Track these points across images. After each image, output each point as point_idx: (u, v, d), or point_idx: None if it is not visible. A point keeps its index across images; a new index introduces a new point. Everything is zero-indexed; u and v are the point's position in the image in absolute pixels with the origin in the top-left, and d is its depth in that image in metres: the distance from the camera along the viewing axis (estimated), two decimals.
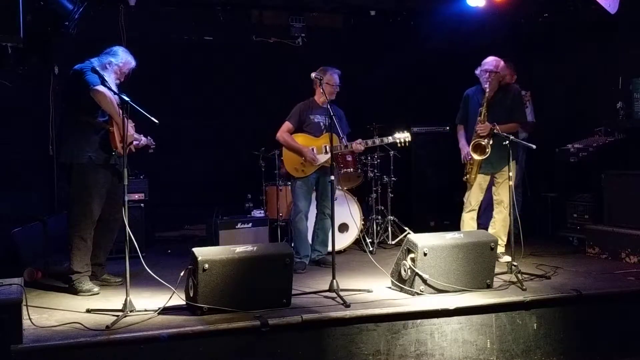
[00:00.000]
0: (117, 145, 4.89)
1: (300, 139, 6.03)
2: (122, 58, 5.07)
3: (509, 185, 5.33)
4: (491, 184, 6.00)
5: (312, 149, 5.97)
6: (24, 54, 6.05)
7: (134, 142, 5.21)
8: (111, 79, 4.95)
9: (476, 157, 5.74)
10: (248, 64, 7.92)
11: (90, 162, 4.91)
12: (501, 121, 5.73)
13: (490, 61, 5.86)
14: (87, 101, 4.82)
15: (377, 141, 6.29)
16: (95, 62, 4.94)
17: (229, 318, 4.10)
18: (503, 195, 5.85)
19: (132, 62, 5.13)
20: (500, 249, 5.79)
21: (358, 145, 6.06)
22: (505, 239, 5.87)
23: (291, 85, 6.23)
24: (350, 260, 6.34)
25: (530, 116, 7.10)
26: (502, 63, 5.88)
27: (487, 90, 5.76)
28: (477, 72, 5.92)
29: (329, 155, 5.87)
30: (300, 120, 6.05)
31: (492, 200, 6.11)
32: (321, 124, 6.06)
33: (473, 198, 5.98)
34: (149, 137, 5.41)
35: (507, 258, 5.67)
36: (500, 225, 5.90)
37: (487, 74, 5.80)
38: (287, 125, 6.05)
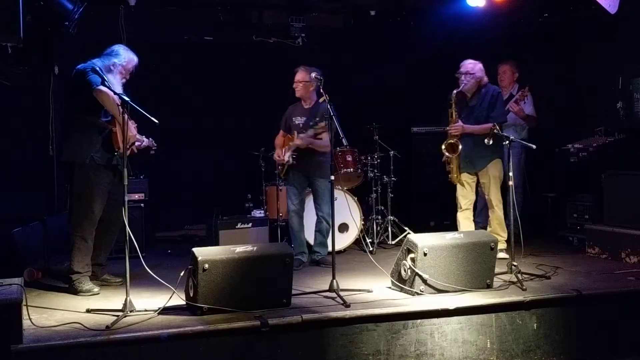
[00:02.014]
0: (120, 145, 4.88)
1: (281, 141, 6.27)
2: (125, 57, 5.08)
3: (510, 185, 5.33)
4: (479, 185, 6.10)
5: (283, 150, 6.06)
6: (24, 54, 6.05)
7: (136, 143, 5.21)
8: (117, 80, 4.97)
9: (448, 154, 5.93)
10: (248, 64, 7.92)
11: (93, 162, 4.91)
12: (480, 122, 5.89)
13: (467, 63, 6.00)
14: (90, 101, 4.82)
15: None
16: (98, 63, 4.93)
17: (229, 318, 4.10)
18: (491, 195, 5.97)
19: (135, 59, 5.15)
20: (501, 246, 5.83)
21: (297, 140, 5.99)
22: (504, 235, 5.92)
23: (291, 85, 6.23)
24: (350, 260, 6.34)
25: (530, 110, 7.09)
26: (478, 65, 5.99)
27: (456, 90, 5.94)
28: (457, 74, 6.04)
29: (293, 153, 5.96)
30: (286, 125, 6.23)
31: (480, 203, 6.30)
32: (300, 125, 6.12)
33: (463, 197, 6.06)
34: (150, 139, 5.41)
35: (502, 255, 5.75)
36: (495, 223, 6.00)
37: (462, 75, 5.97)
38: (280, 131, 6.30)
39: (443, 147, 5.95)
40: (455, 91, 5.96)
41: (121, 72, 5.06)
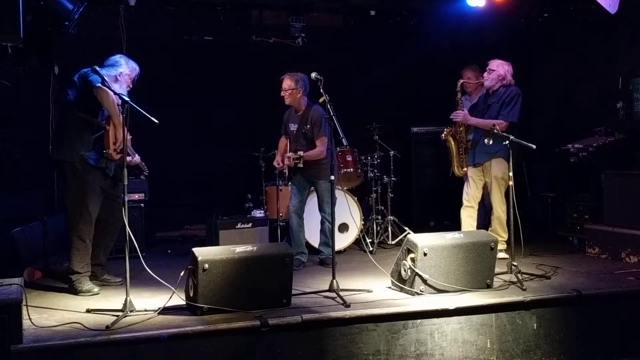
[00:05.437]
0: (110, 145, 4.89)
1: (284, 144, 6.34)
2: (129, 66, 5.12)
3: (509, 185, 5.33)
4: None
5: (288, 155, 5.96)
6: (24, 54, 6.05)
7: (128, 158, 5.17)
8: (123, 89, 4.98)
9: (443, 137, 6.30)
10: (248, 64, 7.92)
11: (83, 161, 4.91)
12: (492, 119, 5.94)
13: (492, 61, 6.14)
14: (89, 100, 4.84)
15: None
16: (102, 72, 4.92)
17: (229, 318, 4.10)
18: (493, 196, 6.00)
19: (137, 68, 5.19)
20: (501, 246, 5.85)
21: (287, 159, 5.96)
22: (504, 236, 5.94)
23: None
24: (350, 260, 6.34)
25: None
26: (503, 65, 6.07)
27: (462, 80, 6.30)
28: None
29: (290, 163, 5.88)
30: (286, 130, 6.27)
31: (486, 201, 6.34)
32: (294, 132, 6.14)
33: (466, 194, 6.13)
34: (143, 163, 5.43)
35: (502, 255, 5.78)
36: (495, 223, 6.03)
37: (485, 71, 6.15)
38: (282, 136, 6.35)
39: (445, 132, 6.24)
40: (461, 81, 6.27)
41: (127, 81, 5.10)
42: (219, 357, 3.97)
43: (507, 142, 5.27)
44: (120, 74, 5.05)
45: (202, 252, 4.24)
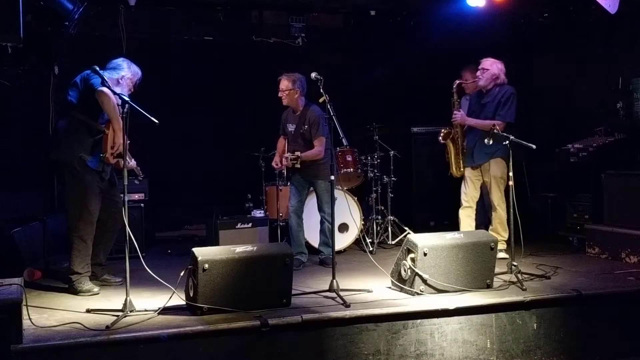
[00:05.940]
0: (107, 149, 4.89)
1: (282, 144, 6.33)
2: (131, 70, 5.12)
3: (509, 185, 5.32)
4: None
5: (286, 156, 5.93)
6: (24, 54, 6.05)
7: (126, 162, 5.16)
8: (124, 93, 4.97)
9: (443, 141, 6.24)
10: (248, 64, 7.92)
11: (82, 162, 4.91)
12: (489, 119, 5.93)
13: (485, 60, 6.11)
14: (91, 103, 4.84)
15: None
16: (104, 74, 4.91)
17: (229, 318, 4.10)
18: (492, 195, 6.01)
19: (139, 72, 5.19)
20: (501, 246, 5.85)
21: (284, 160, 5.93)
22: (505, 235, 5.94)
23: None
24: (350, 260, 6.34)
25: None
26: (496, 64, 6.05)
27: (458, 81, 6.26)
28: (478, 69, 6.17)
29: (287, 163, 5.86)
30: (284, 130, 6.26)
31: (485, 201, 6.34)
32: (292, 132, 6.14)
33: (464, 194, 6.13)
34: (138, 168, 5.43)
35: (502, 255, 5.76)
36: (496, 222, 6.04)
37: (479, 71, 6.11)
38: (281, 136, 6.34)
39: (441, 133, 6.21)
40: (457, 82, 6.23)
41: (128, 85, 5.10)
42: (219, 357, 3.97)
43: (507, 142, 5.27)
44: (122, 77, 5.05)
45: (202, 252, 4.24)
